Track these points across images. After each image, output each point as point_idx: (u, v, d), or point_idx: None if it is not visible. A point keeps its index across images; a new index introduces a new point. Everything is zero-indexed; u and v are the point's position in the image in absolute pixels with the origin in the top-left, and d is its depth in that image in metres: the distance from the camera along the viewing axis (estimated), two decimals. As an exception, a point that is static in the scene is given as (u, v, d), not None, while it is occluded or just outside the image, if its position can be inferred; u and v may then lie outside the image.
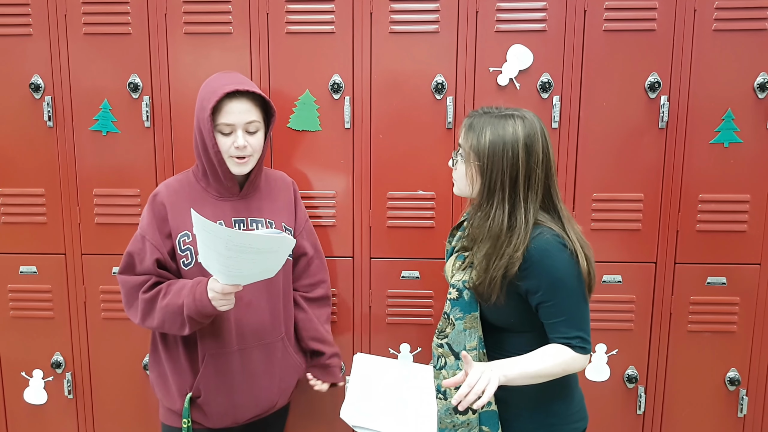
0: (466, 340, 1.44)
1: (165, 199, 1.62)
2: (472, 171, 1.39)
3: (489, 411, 1.44)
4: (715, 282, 2.01)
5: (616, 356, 2.05)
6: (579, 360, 1.38)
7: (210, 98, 1.54)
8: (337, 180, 2.01)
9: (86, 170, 2.03)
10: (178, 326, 1.55)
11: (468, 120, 1.42)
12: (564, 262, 1.35)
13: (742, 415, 2.07)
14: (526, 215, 1.35)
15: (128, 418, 2.16)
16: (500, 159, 1.34)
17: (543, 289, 1.35)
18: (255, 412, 1.70)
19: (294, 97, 1.97)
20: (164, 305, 1.55)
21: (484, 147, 1.35)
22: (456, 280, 1.46)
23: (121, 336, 2.10)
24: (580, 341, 1.36)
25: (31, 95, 2.00)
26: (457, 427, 1.46)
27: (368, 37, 1.94)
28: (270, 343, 1.69)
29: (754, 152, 1.94)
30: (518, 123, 1.36)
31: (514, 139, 1.34)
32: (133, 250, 1.62)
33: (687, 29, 1.90)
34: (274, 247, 1.39)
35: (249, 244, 1.35)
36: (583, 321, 1.38)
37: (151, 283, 1.59)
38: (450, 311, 1.46)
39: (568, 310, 1.36)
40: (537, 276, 1.34)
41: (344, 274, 2.06)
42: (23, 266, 2.09)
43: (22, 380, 2.15)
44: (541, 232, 1.36)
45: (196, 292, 1.50)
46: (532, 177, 1.35)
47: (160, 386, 1.70)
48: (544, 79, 1.93)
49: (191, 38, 1.96)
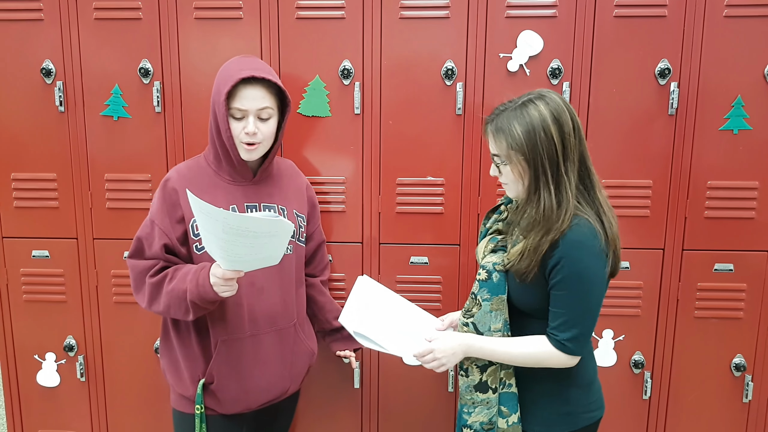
0: (491, 322, 1.46)
1: (176, 184, 1.62)
2: (519, 168, 1.39)
3: (509, 392, 1.48)
4: (722, 269, 2.02)
5: (623, 342, 2.07)
6: (558, 357, 1.40)
7: (226, 82, 1.54)
8: (347, 166, 2.02)
9: (97, 155, 2.05)
10: (183, 311, 1.56)
11: (490, 126, 1.42)
12: (591, 261, 1.36)
13: (747, 400, 2.09)
14: (568, 188, 1.36)
15: (140, 400, 2.19)
16: (539, 144, 1.35)
17: (561, 276, 1.36)
18: (267, 398, 1.72)
19: (304, 83, 1.97)
20: (170, 290, 1.56)
21: (520, 140, 1.36)
22: (486, 262, 1.47)
23: (133, 319, 2.13)
24: (568, 341, 1.39)
25: (42, 80, 2.01)
26: (477, 404, 1.50)
27: (378, 22, 1.94)
28: (282, 329, 1.71)
29: (763, 139, 1.94)
30: (539, 104, 1.37)
31: (542, 119, 1.35)
32: (142, 235, 1.63)
33: (698, 16, 1.89)
34: (272, 231, 1.37)
35: (246, 227, 1.34)
36: (582, 325, 1.39)
37: (159, 268, 1.60)
38: (478, 292, 1.47)
39: (573, 308, 1.38)
40: (562, 265, 1.35)
41: (353, 259, 2.08)
42: (36, 250, 2.11)
43: (35, 363, 2.18)
44: (578, 223, 1.36)
45: (199, 278, 1.50)
46: (567, 147, 1.37)
47: (172, 372, 1.71)
48: (554, 66, 1.93)
49: (202, 23, 1.96)
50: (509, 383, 1.48)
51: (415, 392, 2.14)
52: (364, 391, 2.15)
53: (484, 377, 1.49)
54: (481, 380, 1.49)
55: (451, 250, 2.05)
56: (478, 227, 2.02)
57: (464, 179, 2.01)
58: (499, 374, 1.48)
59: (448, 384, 2.11)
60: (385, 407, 2.16)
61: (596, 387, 1.54)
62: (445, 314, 1.73)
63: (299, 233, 1.74)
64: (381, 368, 2.13)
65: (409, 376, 2.12)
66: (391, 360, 2.10)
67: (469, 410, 1.51)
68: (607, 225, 1.39)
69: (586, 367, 1.49)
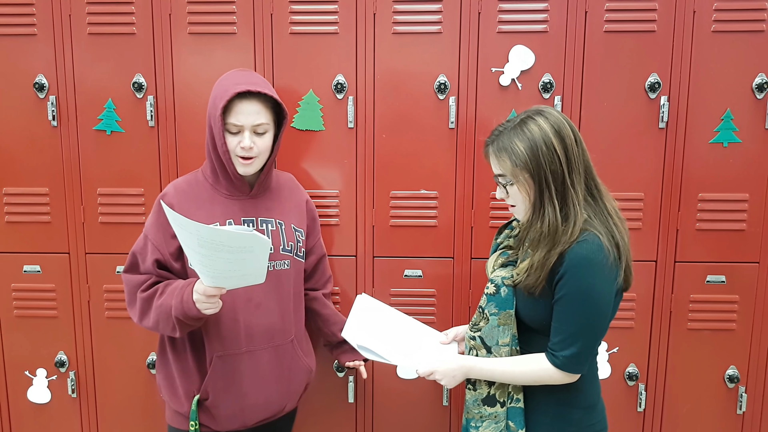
0: (499, 336, 1.45)
1: (173, 199, 1.62)
2: (525, 186, 1.38)
3: (517, 407, 1.46)
4: (714, 280, 2.04)
5: (617, 354, 2.07)
6: (555, 375, 1.39)
7: (222, 96, 1.54)
8: (341, 179, 2.03)
9: (90, 170, 2.04)
10: (170, 328, 1.54)
11: (492, 147, 1.42)
12: (597, 279, 1.34)
13: (741, 412, 2.09)
14: (576, 200, 1.36)
15: (132, 417, 2.17)
16: (542, 158, 1.34)
17: (565, 291, 1.35)
18: (263, 416, 1.70)
19: (298, 97, 1.98)
20: (159, 305, 1.55)
21: (523, 157, 1.35)
22: (495, 276, 1.47)
23: (125, 335, 2.11)
24: (565, 359, 1.37)
25: (35, 95, 2.00)
26: (485, 418, 1.48)
27: (371, 37, 1.95)
28: (279, 346, 1.69)
29: (752, 152, 1.97)
30: (539, 119, 1.37)
31: (543, 134, 1.35)
32: (137, 250, 1.64)
33: (686, 30, 1.92)
34: (247, 246, 1.34)
35: (220, 240, 1.31)
36: (581, 343, 1.36)
37: (151, 283, 1.60)
38: (485, 306, 1.46)
39: (573, 325, 1.36)
40: (566, 280, 1.34)
41: (347, 272, 2.07)
42: (27, 265, 2.09)
43: (26, 379, 2.15)
44: (586, 238, 1.34)
45: (184, 294, 1.49)
46: (571, 159, 1.36)
47: (167, 388, 1.70)
48: (546, 80, 1.94)
49: (195, 38, 1.97)
50: (517, 398, 1.46)
51: (409, 407, 2.13)
52: (359, 405, 2.14)
53: (492, 390, 1.48)
54: (489, 393, 1.48)
55: (444, 262, 2.05)
56: (472, 240, 2.03)
57: (457, 192, 2.01)
58: (508, 388, 1.47)
59: (443, 398, 2.10)
60: (379, 422, 2.14)
61: (600, 408, 1.51)
62: (450, 329, 1.71)
63: (297, 248, 1.73)
64: (375, 383, 2.12)
65: (404, 390, 2.11)
66: (386, 374, 2.10)
67: (477, 424, 1.49)
68: (618, 237, 1.38)
69: (590, 388, 1.48)
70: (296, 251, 1.72)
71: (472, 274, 2.05)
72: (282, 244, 1.68)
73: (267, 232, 1.66)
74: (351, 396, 2.11)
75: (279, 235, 1.68)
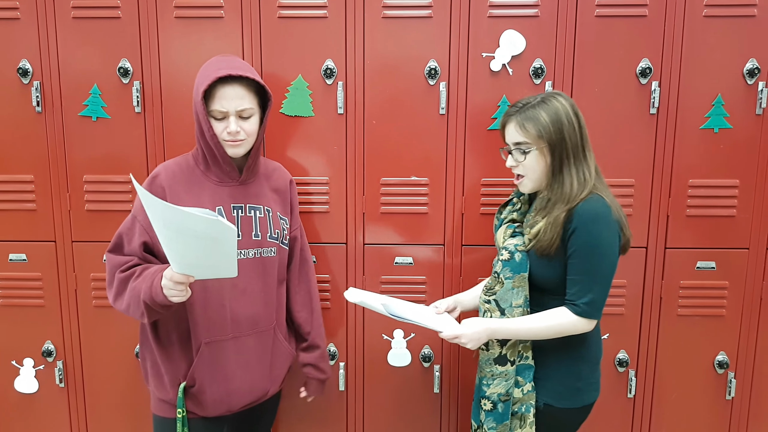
0: (513, 298, 1.57)
1: (164, 182, 1.58)
2: (545, 155, 1.53)
3: (526, 364, 1.60)
4: (704, 266, 2.04)
5: (608, 340, 2.07)
6: (577, 322, 1.51)
7: (203, 82, 1.52)
8: (330, 166, 2.01)
9: (76, 156, 2.01)
10: (139, 313, 1.51)
11: (518, 116, 1.55)
12: (608, 230, 1.49)
13: (730, 397, 2.10)
14: (589, 170, 1.53)
15: (120, 406, 2.15)
16: (564, 130, 1.50)
17: (579, 245, 1.48)
18: (248, 400, 1.70)
19: (286, 83, 1.96)
20: (132, 287, 1.51)
21: (548, 126, 1.50)
22: (508, 244, 1.60)
23: (113, 324, 2.09)
24: (585, 306, 1.49)
25: (19, 80, 1.97)
26: (495, 376, 1.61)
27: (361, 21, 1.93)
28: (263, 331, 1.69)
29: (743, 138, 1.96)
30: (560, 98, 1.54)
31: (566, 110, 1.52)
32: (123, 231, 1.59)
33: (678, 15, 1.91)
34: (213, 233, 1.29)
35: (184, 223, 1.26)
36: (596, 290, 1.49)
37: (131, 264, 1.56)
38: (501, 271, 1.59)
39: (588, 274, 1.49)
40: (578, 235, 1.47)
41: (338, 260, 2.06)
42: (13, 254, 2.07)
43: (13, 369, 2.13)
44: (592, 197, 1.50)
45: (155, 279, 1.45)
46: (585, 136, 1.54)
47: (152, 376, 1.68)
48: (537, 65, 1.93)
49: (182, 22, 1.94)
50: (526, 356, 1.59)
51: (401, 394, 2.12)
52: (349, 393, 2.13)
53: (504, 350, 1.60)
54: (500, 354, 1.60)
55: (435, 249, 2.05)
56: (463, 227, 2.02)
57: (448, 179, 2.00)
58: (518, 347, 1.59)
59: (434, 385, 2.10)
60: (370, 410, 2.14)
61: (599, 367, 1.65)
62: (436, 301, 1.78)
63: (283, 236, 1.72)
64: (366, 371, 2.12)
65: (395, 378, 2.11)
66: (377, 362, 2.10)
67: (488, 382, 1.62)
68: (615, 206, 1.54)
69: (596, 344, 1.63)
70: (282, 239, 1.71)
71: (462, 262, 2.04)
72: (269, 231, 1.67)
73: (255, 219, 1.64)
74: (342, 384, 2.10)
75: (266, 222, 1.67)
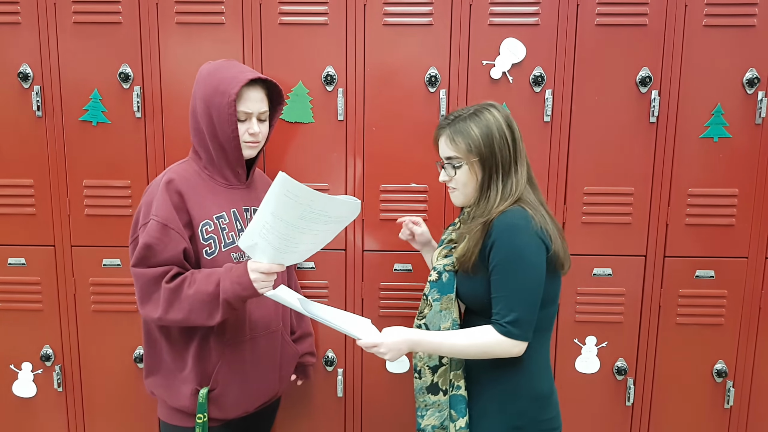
0: (441, 321, 1.48)
1: (181, 186, 1.55)
2: (475, 170, 1.44)
3: (457, 395, 1.47)
4: (703, 275, 2.04)
5: (606, 348, 2.07)
6: (503, 343, 1.37)
7: (232, 84, 1.52)
8: (330, 172, 2.01)
9: (76, 161, 2.01)
10: (206, 316, 1.49)
11: (448, 129, 1.46)
12: (524, 242, 1.38)
13: (728, 406, 2.10)
14: (518, 184, 1.44)
15: (118, 411, 2.15)
16: (495, 144, 1.42)
17: (498, 259, 1.38)
18: (262, 400, 1.72)
19: (287, 89, 1.96)
20: (191, 294, 1.48)
21: (478, 141, 1.42)
22: (438, 264, 1.52)
23: (111, 329, 2.09)
24: (509, 325, 1.36)
25: (19, 84, 1.97)
26: (429, 406, 1.51)
27: (362, 28, 1.93)
28: (274, 332, 1.71)
29: (742, 147, 1.97)
30: (493, 110, 1.45)
31: (498, 122, 1.43)
32: (151, 241, 1.49)
33: (678, 25, 1.91)
34: (344, 215, 1.40)
35: (326, 211, 1.34)
36: (523, 306, 1.37)
37: (174, 273, 1.51)
38: (429, 293, 1.51)
39: (510, 290, 1.37)
40: (497, 248, 1.38)
41: (337, 266, 2.06)
42: (12, 258, 2.07)
43: (11, 373, 2.13)
44: (516, 209, 1.41)
45: (233, 276, 1.45)
46: (517, 149, 1.45)
47: (165, 387, 1.64)
48: (537, 73, 1.93)
49: (183, 28, 1.94)
50: (458, 385, 1.47)
51: (398, 400, 2.12)
52: (347, 400, 2.13)
53: (435, 378, 1.50)
54: (432, 381, 1.50)
55: (434, 257, 2.05)
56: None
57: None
58: (449, 375, 1.48)
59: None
60: (368, 416, 2.14)
61: (554, 402, 1.49)
62: None
63: None
64: (364, 377, 2.12)
65: (393, 385, 2.11)
66: (375, 368, 2.10)
67: (422, 413, 1.52)
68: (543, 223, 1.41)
69: (540, 376, 1.46)
70: None
71: (461, 269, 2.04)
72: None
73: None
74: (340, 390, 2.10)
75: None
